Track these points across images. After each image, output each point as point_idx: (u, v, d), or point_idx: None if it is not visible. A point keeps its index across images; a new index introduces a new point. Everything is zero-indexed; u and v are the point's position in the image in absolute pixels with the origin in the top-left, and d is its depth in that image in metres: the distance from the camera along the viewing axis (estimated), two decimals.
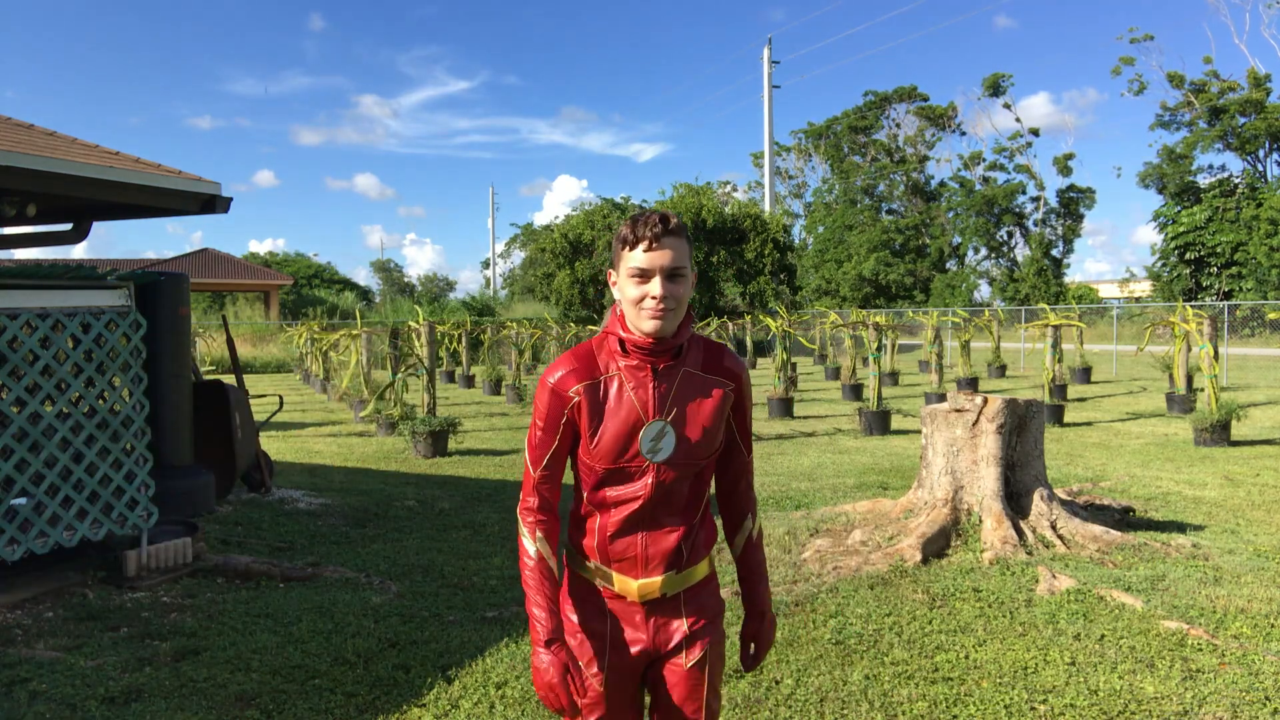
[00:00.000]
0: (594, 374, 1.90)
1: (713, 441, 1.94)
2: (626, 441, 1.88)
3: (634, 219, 1.85)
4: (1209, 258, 42.21)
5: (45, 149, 5.72)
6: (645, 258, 1.80)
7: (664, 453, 1.88)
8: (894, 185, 56.32)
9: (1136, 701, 3.63)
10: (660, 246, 1.80)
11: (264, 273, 42.57)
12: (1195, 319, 12.77)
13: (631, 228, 1.83)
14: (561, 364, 1.93)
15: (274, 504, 7.65)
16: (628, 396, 1.88)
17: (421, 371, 11.79)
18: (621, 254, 1.85)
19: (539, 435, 1.94)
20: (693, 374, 1.93)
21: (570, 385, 1.90)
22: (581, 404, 1.89)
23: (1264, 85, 42.82)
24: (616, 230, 1.89)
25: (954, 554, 5.70)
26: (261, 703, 3.69)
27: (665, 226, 1.81)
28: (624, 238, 1.84)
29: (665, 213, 1.84)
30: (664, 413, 1.89)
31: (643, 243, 1.80)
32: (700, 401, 1.92)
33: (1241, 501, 7.51)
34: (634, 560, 1.95)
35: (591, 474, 1.93)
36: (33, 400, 4.79)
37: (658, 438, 1.88)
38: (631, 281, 1.82)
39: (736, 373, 1.98)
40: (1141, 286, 49.78)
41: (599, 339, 1.95)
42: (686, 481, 1.94)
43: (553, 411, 1.91)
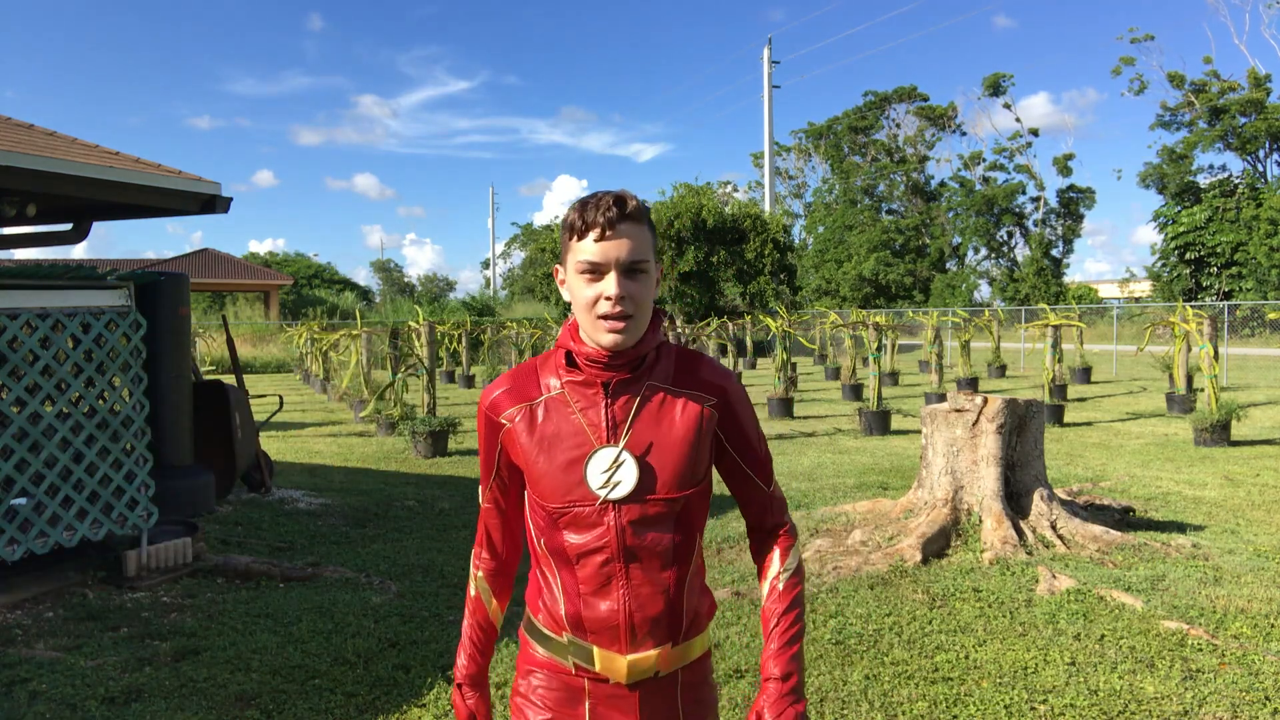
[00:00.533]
0: (530, 394, 1.58)
1: (691, 473, 1.55)
2: (572, 473, 1.53)
3: (583, 201, 1.50)
4: (1209, 258, 42.21)
5: (45, 149, 5.72)
6: (597, 249, 1.47)
7: (623, 487, 1.51)
8: (894, 185, 56.33)
9: (1136, 701, 3.63)
10: (615, 235, 1.47)
11: (264, 273, 42.57)
12: (1195, 319, 12.77)
13: (580, 212, 1.49)
14: (497, 383, 1.63)
15: (274, 504, 7.65)
16: (573, 419, 1.54)
17: (421, 371, 11.80)
18: (569, 245, 1.51)
19: (480, 467, 1.69)
20: (659, 389, 1.56)
21: (503, 408, 1.59)
22: (515, 431, 1.57)
23: (1264, 85, 42.82)
24: (563, 215, 1.55)
25: (954, 554, 5.70)
26: (261, 703, 3.69)
27: (621, 210, 1.47)
28: (571, 225, 1.50)
29: (622, 193, 1.51)
30: (619, 437, 1.53)
31: (593, 230, 1.47)
32: (670, 423, 1.55)
33: (1241, 501, 7.51)
34: (617, 630, 1.55)
35: (542, 515, 1.58)
36: (33, 400, 4.79)
37: (611, 468, 1.52)
38: (582, 279, 1.49)
39: (720, 385, 1.61)
40: (1141, 286, 49.79)
41: (545, 355, 1.64)
42: (665, 525, 1.55)
43: (487, 439, 1.63)
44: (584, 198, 1.53)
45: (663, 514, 1.54)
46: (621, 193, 1.51)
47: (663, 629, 1.57)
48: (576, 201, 1.53)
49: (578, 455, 1.54)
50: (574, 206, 1.51)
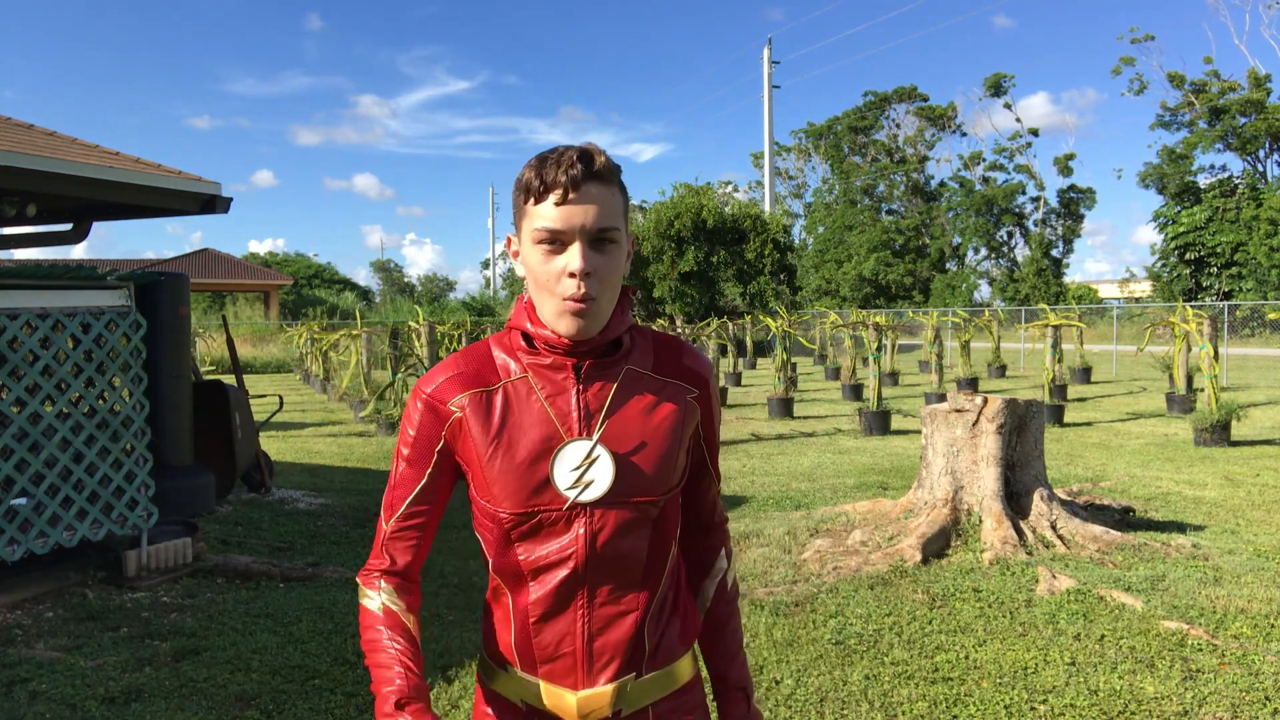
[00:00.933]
0: (486, 379, 1.34)
1: (671, 471, 1.35)
2: (535, 471, 1.29)
3: (541, 157, 1.27)
4: (1209, 258, 42.22)
5: (45, 149, 5.72)
6: (558, 215, 1.24)
7: (596, 488, 1.29)
8: (894, 185, 56.33)
9: (1136, 701, 3.63)
10: (580, 198, 1.24)
11: (264, 273, 42.57)
12: (1195, 319, 12.77)
13: (538, 170, 1.25)
14: (442, 367, 1.38)
15: (274, 504, 7.65)
16: (538, 406, 1.32)
17: (421, 371, 11.80)
18: (524, 210, 1.28)
19: (401, 469, 1.38)
20: (639, 374, 1.37)
21: (450, 395, 1.34)
22: (465, 422, 1.33)
23: (1264, 85, 42.82)
24: (514, 189, 1.31)
25: (954, 554, 5.70)
26: (261, 703, 3.69)
27: (588, 167, 1.24)
28: (526, 185, 1.27)
29: (588, 147, 1.28)
30: (592, 429, 1.31)
31: (554, 192, 1.24)
32: (651, 414, 1.35)
33: (1241, 501, 7.51)
34: (570, 660, 1.33)
35: (495, 526, 1.33)
36: (33, 400, 4.79)
37: (584, 465, 1.30)
38: (539, 251, 1.26)
39: (702, 375, 1.43)
40: (1141, 286, 49.79)
41: (498, 335, 1.41)
42: (640, 534, 1.33)
43: (424, 432, 1.35)
44: (542, 153, 1.28)
45: (639, 519, 1.33)
46: (587, 146, 1.27)
47: (624, 658, 1.34)
48: (534, 158, 1.28)
49: (543, 450, 1.30)
50: (530, 164, 1.28)
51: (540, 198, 1.25)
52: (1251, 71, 43.38)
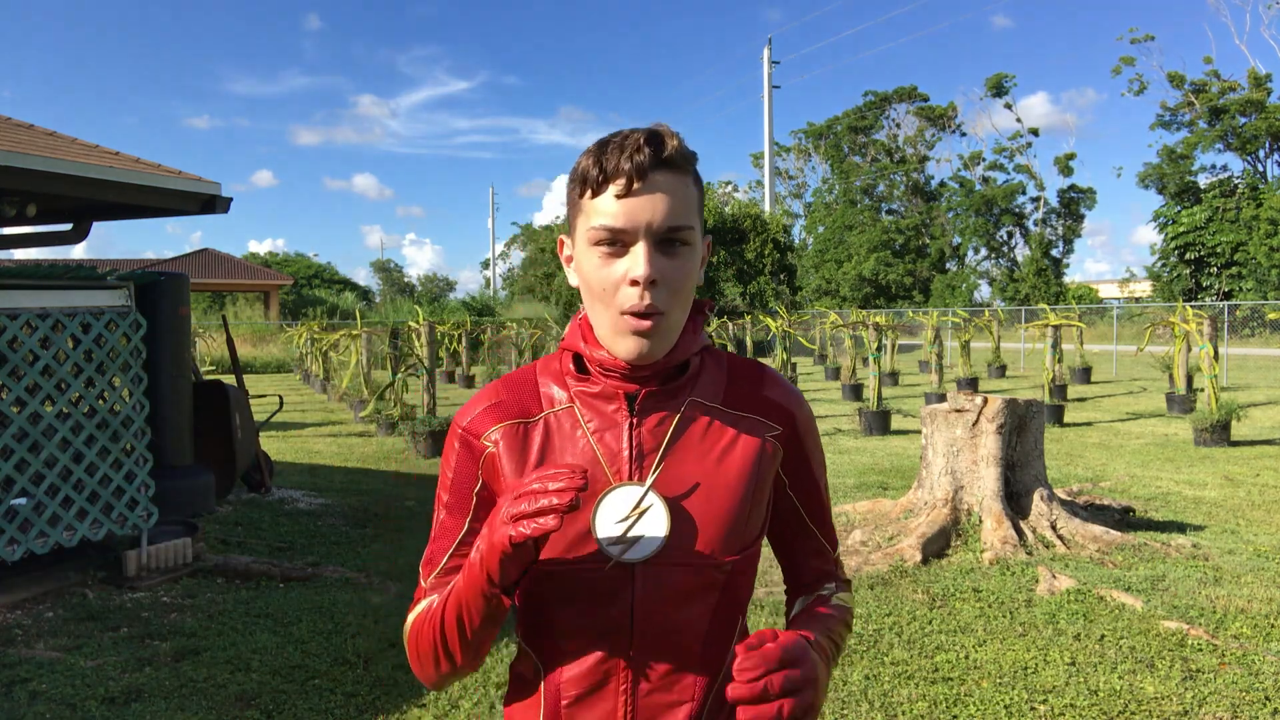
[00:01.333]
0: (525, 410, 1.15)
1: (742, 527, 1.11)
2: (574, 519, 1.08)
3: (602, 142, 1.07)
4: (1209, 258, 42.22)
5: (45, 149, 5.72)
6: (620, 210, 1.03)
7: (646, 545, 1.06)
8: (894, 185, 56.34)
9: (1136, 701, 3.63)
10: (646, 189, 1.03)
11: (264, 273, 42.58)
12: (1195, 319, 12.77)
13: (597, 156, 1.05)
14: (481, 396, 1.19)
15: (274, 504, 7.65)
16: (583, 442, 1.12)
17: (421, 371, 11.80)
18: (580, 205, 1.08)
19: (441, 518, 1.18)
20: (706, 409, 1.14)
21: (485, 427, 1.15)
22: (498, 459, 1.13)
23: (1264, 85, 42.82)
24: (570, 180, 1.11)
25: (954, 554, 5.70)
26: (261, 703, 3.69)
27: (657, 152, 1.04)
28: (583, 175, 1.06)
29: (658, 128, 1.07)
30: (645, 472, 1.10)
31: (615, 182, 1.03)
32: (720, 457, 1.12)
33: (1241, 501, 7.51)
34: None
35: (525, 581, 1.11)
36: (33, 400, 4.79)
37: (633, 516, 1.07)
38: (596, 254, 1.06)
39: (787, 409, 1.18)
40: (1141, 286, 49.79)
41: (547, 359, 1.22)
42: (700, 603, 1.10)
43: (461, 473, 1.16)
44: (604, 137, 1.07)
45: (700, 585, 1.09)
46: (657, 127, 1.06)
47: None
48: (594, 143, 1.08)
49: (586, 496, 1.08)
50: (589, 149, 1.07)
51: (598, 189, 1.04)
52: (1251, 71, 43.39)
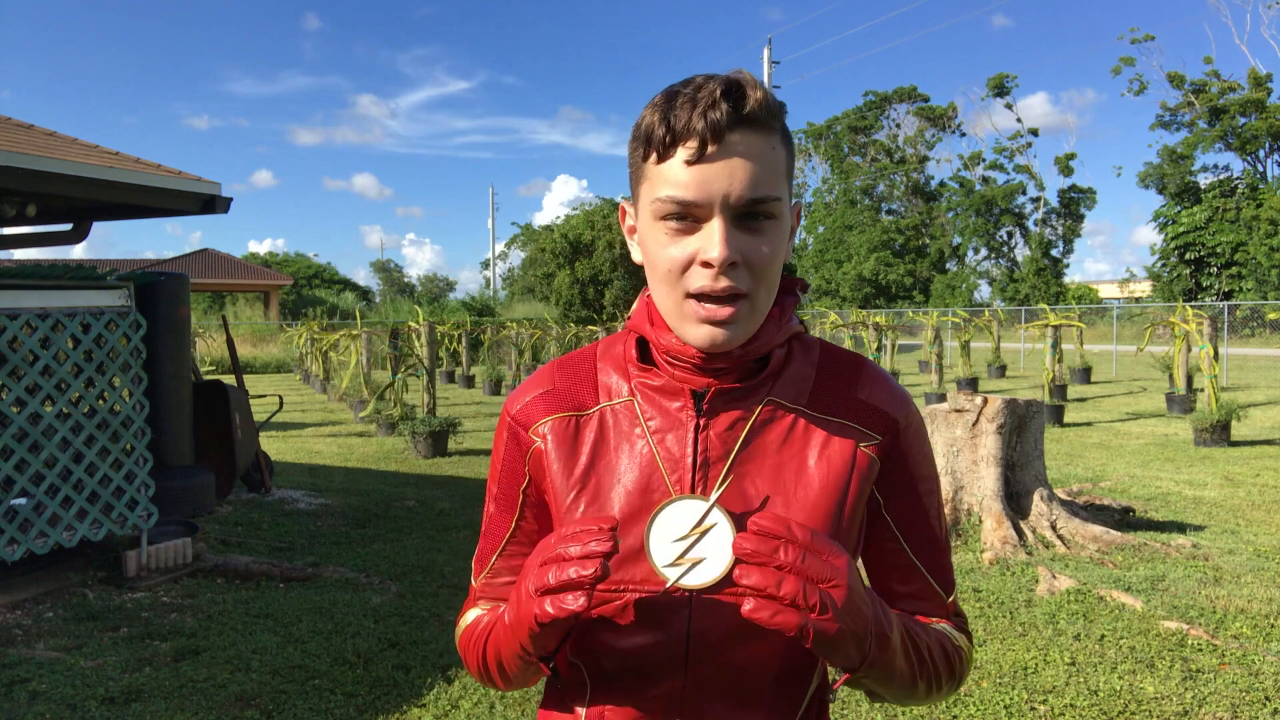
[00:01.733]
0: (580, 401, 1.02)
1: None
2: (626, 534, 0.95)
3: (669, 93, 0.90)
4: (1209, 258, 42.22)
5: (45, 149, 5.72)
6: (691, 177, 0.87)
7: (708, 569, 0.88)
8: (894, 185, 56.34)
9: (1136, 701, 3.63)
10: (723, 153, 0.86)
11: (264, 273, 42.58)
12: (1195, 319, 12.77)
13: (664, 111, 0.88)
14: (534, 381, 1.07)
15: (274, 504, 7.65)
16: (640, 443, 0.98)
17: (421, 372, 11.80)
18: (643, 171, 0.92)
19: (491, 512, 1.09)
20: (787, 409, 0.98)
21: (534, 417, 1.03)
22: (545, 456, 1.01)
23: (1264, 85, 42.82)
24: (633, 140, 0.94)
25: (954, 554, 5.70)
26: (261, 703, 3.69)
27: (737, 106, 0.86)
28: (648, 134, 0.89)
29: (738, 76, 0.89)
30: (710, 484, 0.95)
31: (686, 144, 0.87)
32: (801, 469, 0.96)
33: (1241, 501, 7.51)
34: None
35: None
36: (33, 400, 4.79)
37: (693, 535, 0.89)
38: (662, 229, 0.90)
39: (889, 415, 1.00)
40: (1141, 286, 49.79)
41: (610, 340, 1.07)
42: (767, 641, 0.95)
43: (509, 466, 1.05)
44: (671, 87, 0.91)
45: (776, 638, 0.94)
46: (737, 75, 0.89)
47: None
48: (661, 94, 0.90)
49: (640, 505, 0.95)
50: (655, 102, 0.90)
51: (665, 153, 0.88)
52: (1252, 71, 43.38)
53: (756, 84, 0.89)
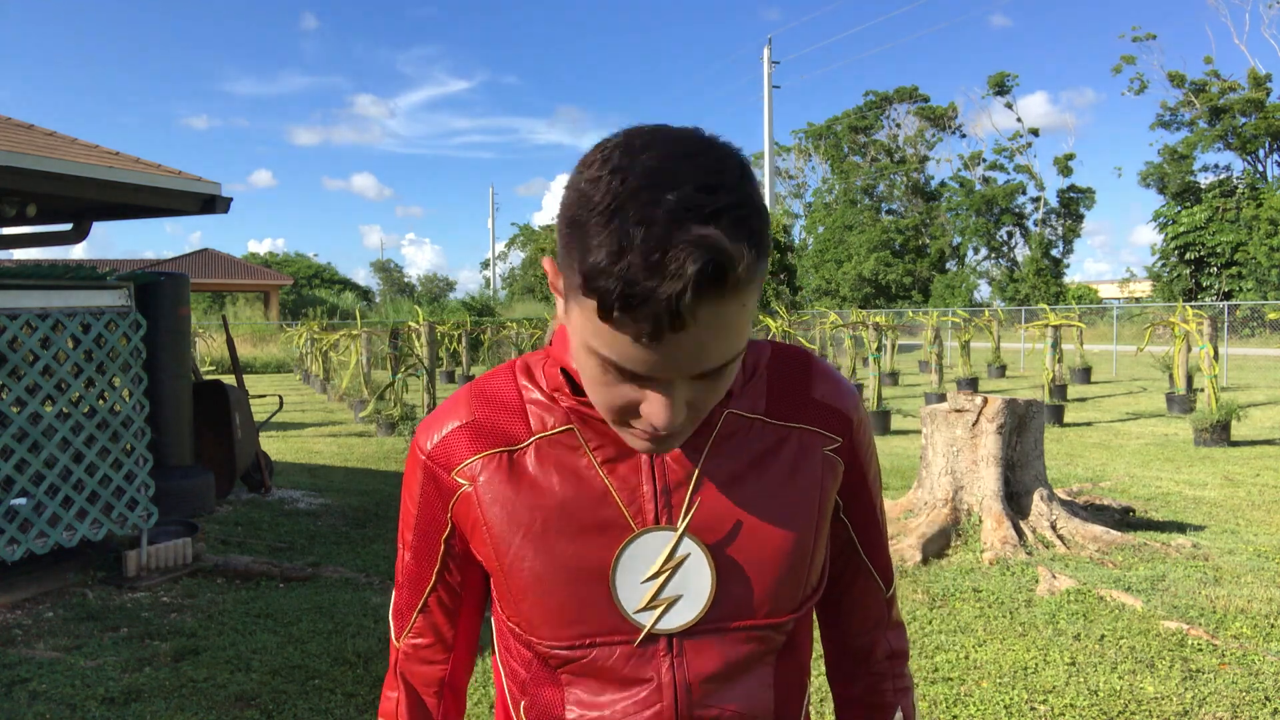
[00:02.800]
0: (510, 433, 0.88)
1: (804, 571, 0.89)
2: (588, 579, 0.85)
3: (625, 226, 0.67)
4: (1209, 258, 42.23)
5: (45, 149, 5.73)
6: (644, 355, 0.70)
7: (686, 608, 0.84)
8: (894, 185, 56.35)
9: (1136, 701, 3.63)
10: (688, 330, 0.68)
11: (264, 273, 42.58)
12: (1195, 319, 12.77)
13: (618, 257, 0.66)
14: (448, 410, 0.91)
15: (274, 504, 7.65)
16: (590, 473, 0.86)
17: (421, 372, 11.80)
18: (579, 298, 0.71)
19: (406, 560, 0.96)
20: (746, 420, 0.89)
21: (456, 456, 0.89)
22: (477, 500, 0.87)
23: (1264, 85, 42.83)
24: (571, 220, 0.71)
25: (954, 554, 5.70)
26: (261, 703, 3.69)
27: (717, 282, 0.67)
28: (592, 271, 0.68)
29: (717, 240, 0.66)
30: (676, 512, 0.86)
31: (642, 322, 0.68)
32: (768, 483, 0.88)
33: (1241, 501, 7.51)
34: None
35: (523, 654, 0.90)
36: (33, 400, 4.79)
37: (666, 571, 0.84)
38: (594, 363, 0.74)
39: (843, 413, 0.93)
40: (1141, 286, 49.80)
41: (528, 362, 0.92)
42: (759, 677, 0.89)
43: (427, 513, 0.92)
44: (625, 210, 0.67)
45: (758, 654, 0.87)
46: (716, 238, 0.66)
47: None
48: (609, 202, 0.67)
49: (599, 545, 0.85)
50: (604, 222, 0.67)
51: (613, 319, 0.68)
52: (1252, 71, 43.39)
53: (743, 240, 0.68)
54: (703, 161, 0.70)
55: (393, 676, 1.00)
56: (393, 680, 1.01)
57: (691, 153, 0.70)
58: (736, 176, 0.70)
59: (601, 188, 0.69)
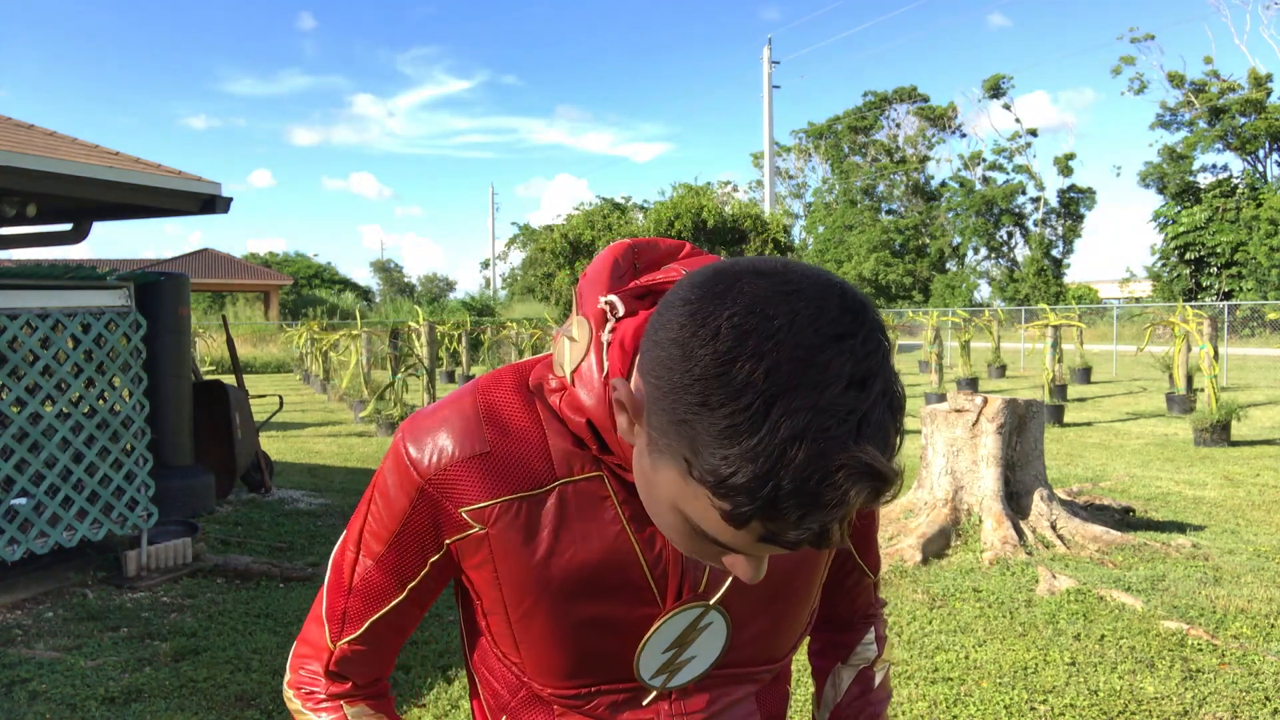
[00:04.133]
0: (533, 474, 0.80)
1: (807, 616, 0.92)
2: (604, 642, 0.83)
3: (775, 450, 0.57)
4: (1209, 258, 42.23)
5: (45, 149, 5.73)
6: (761, 550, 0.65)
7: (695, 666, 0.85)
8: (894, 185, 56.36)
9: (1136, 701, 3.63)
10: (838, 541, 0.62)
11: (264, 273, 42.59)
12: (1195, 319, 12.77)
13: (761, 488, 0.58)
14: (457, 430, 0.81)
15: (274, 504, 7.65)
16: (615, 531, 0.80)
17: (421, 372, 11.80)
18: (692, 483, 0.62)
19: (367, 569, 0.86)
20: None
21: (470, 496, 0.80)
22: (489, 548, 0.81)
23: (1264, 85, 42.83)
24: (682, 388, 0.61)
25: (954, 554, 5.70)
26: (261, 703, 3.69)
27: (871, 501, 0.61)
28: (726, 493, 0.59)
29: (883, 468, 0.59)
30: (699, 579, 0.83)
31: (780, 542, 0.61)
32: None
33: (1241, 501, 7.51)
34: None
35: (516, 686, 0.88)
36: (33, 400, 4.79)
37: (683, 641, 0.83)
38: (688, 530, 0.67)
39: None
40: (1141, 286, 49.79)
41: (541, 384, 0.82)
42: (747, 707, 0.91)
43: (413, 533, 0.83)
44: (773, 396, 0.58)
45: (753, 690, 0.91)
46: (876, 466, 0.59)
47: None
48: (750, 414, 0.58)
49: (620, 611, 0.81)
50: (751, 439, 0.58)
51: (742, 527, 0.61)
52: (1251, 71, 43.39)
53: (894, 447, 0.62)
54: (853, 345, 0.60)
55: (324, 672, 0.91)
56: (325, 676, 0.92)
57: (841, 333, 0.60)
58: (882, 358, 0.61)
59: (737, 376, 0.58)
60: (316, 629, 0.92)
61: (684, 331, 0.62)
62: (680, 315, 0.63)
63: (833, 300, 0.61)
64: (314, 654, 0.92)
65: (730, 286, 0.63)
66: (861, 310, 0.62)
